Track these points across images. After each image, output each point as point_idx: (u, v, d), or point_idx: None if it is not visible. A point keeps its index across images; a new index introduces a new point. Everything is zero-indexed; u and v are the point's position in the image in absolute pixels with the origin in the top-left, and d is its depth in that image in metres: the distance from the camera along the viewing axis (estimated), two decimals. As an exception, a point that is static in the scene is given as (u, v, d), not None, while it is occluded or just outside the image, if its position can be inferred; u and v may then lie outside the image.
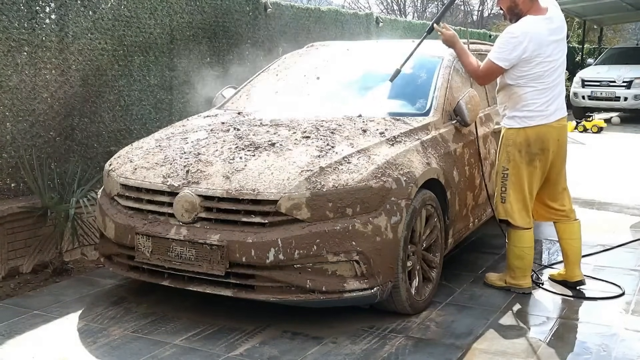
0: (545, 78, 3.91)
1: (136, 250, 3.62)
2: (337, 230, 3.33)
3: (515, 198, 4.03)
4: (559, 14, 4.01)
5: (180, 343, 3.38)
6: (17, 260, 4.50)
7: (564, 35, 4.01)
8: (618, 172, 8.46)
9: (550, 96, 3.93)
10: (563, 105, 4.03)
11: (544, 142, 3.95)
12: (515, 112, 3.98)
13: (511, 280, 4.13)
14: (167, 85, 5.96)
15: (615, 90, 15.26)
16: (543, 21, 3.89)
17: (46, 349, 3.35)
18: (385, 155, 3.64)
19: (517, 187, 4.02)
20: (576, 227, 4.23)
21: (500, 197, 4.08)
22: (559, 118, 3.98)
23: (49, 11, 4.81)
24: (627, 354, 3.31)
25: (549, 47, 3.88)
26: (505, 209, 4.07)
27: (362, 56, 5.08)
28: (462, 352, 3.30)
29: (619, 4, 16.54)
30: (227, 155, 3.68)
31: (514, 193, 4.03)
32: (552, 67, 3.91)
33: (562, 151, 4.06)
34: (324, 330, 3.52)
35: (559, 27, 3.96)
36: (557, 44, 3.93)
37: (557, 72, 3.96)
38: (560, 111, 3.99)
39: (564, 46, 4.00)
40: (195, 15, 6.25)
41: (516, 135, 3.98)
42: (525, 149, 3.96)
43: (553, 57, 3.90)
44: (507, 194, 4.04)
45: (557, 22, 3.96)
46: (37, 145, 4.77)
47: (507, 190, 4.04)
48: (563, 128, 4.04)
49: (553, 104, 3.94)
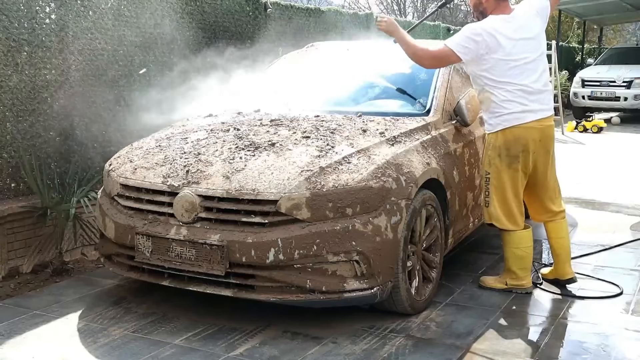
0: (514, 78, 3.86)
1: (136, 250, 3.62)
2: (337, 230, 3.33)
3: (499, 201, 4.02)
4: (527, 12, 3.96)
5: (180, 343, 3.38)
6: (17, 260, 4.50)
7: (536, 34, 3.95)
8: (618, 172, 8.46)
9: (525, 96, 3.87)
10: (545, 105, 3.96)
11: (523, 143, 3.92)
12: (490, 115, 3.98)
13: (512, 281, 4.12)
14: (167, 85, 5.96)
15: (615, 90, 15.26)
16: (504, 20, 3.88)
17: (46, 349, 3.35)
18: (385, 155, 3.64)
19: (499, 190, 4.01)
20: (564, 225, 4.24)
21: (485, 201, 4.09)
22: (540, 118, 3.92)
23: (49, 11, 4.81)
24: (626, 354, 3.31)
25: (513, 46, 3.84)
26: (489, 213, 4.07)
27: (362, 56, 5.07)
28: (462, 352, 3.30)
29: (619, 4, 16.56)
30: (227, 155, 3.68)
31: (497, 197, 4.02)
32: (519, 66, 3.86)
33: (544, 151, 4.00)
34: (324, 330, 3.52)
35: (524, 26, 3.91)
36: (525, 43, 3.89)
37: (530, 71, 3.89)
38: (541, 111, 3.93)
39: (537, 45, 3.95)
40: (195, 15, 6.25)
41: (495, 139, 3.98)
42: (505, 152, 3.94)
43: (518, 55, 3.85)
44: (491, 198, 4.04)
45: (521, 21, 3.92)
46: (37, 145, 4.77)
47: (490, 194, 4.04)
48: (546, 128, 3.97)
49: (531, 104, 3.89)
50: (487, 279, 4.27)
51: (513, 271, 4.11)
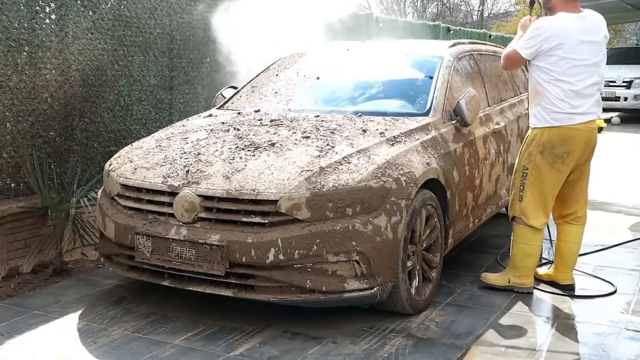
0: (571, 78, 3.84)
1: (136, 250, 3.62)
2: (337, 230, 3.33)
3: (533, 198, 3.98)
4: (595, 16, 3.96)
5: (180, 343, 3.38)
6: (17, 260, 4.50)
7: (600, 39, 3.92)
8: (618, 172, 8.47)
9: (578, 98, 3.85)
10: (594, 109, 3.93)
11: (570, 144, 3.89)
12: (540, 110, 3.92)
13: (516, 279, 4.10)
14: (167, 85, 5.97)
15: (615, 90, 15.27)
16: (573, 19, 3.86)
17: (46, 349, 3.35)
18: (385, 155, 3.64)
19: (536, 187, 3.97)
20: (580, 232, 4.20)
21: (518, 195, 4.03)
22: (587, 121, 3.90)
23: (49, 11, 4.81)
24: (626, 354, 3.31)
25: (577, 46, 3.82)
26: (521, 207, 4.02)
27: (362, 56, 5.07)
28: (462, 352, 3.30)
29: (619, 4, 16.52)
30: (227, 155, 3.68)
31: (532, 193, 3.98)
32: (578, 66, 3.83)
33: (588, 153, 4.00)
34: (324, 330, 3.52)
35: (591, 27, 3.89)
36: (588, 45, 3.86)
37: (587, 73, 3.86)
38: (590, 114, 3.90)
39: (599, 49, 3.91)
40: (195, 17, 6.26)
41: (540, 135, 3.92)
42: (549, 150, 3.90)
43: (580, 56, 3.83)
44: (525, 193, 3.99)
45: (591, 22, 3.91)
46: (37, 145, 4.77)
47: (525, 189, 3.99)
48: (592, 131, 3.95)
49: (582, 107, 3.86)
50: (489, 275, 4.25)
51: (518, 268, 4.08)
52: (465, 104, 4.21)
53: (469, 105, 4.21)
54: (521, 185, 4.02)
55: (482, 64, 5.16)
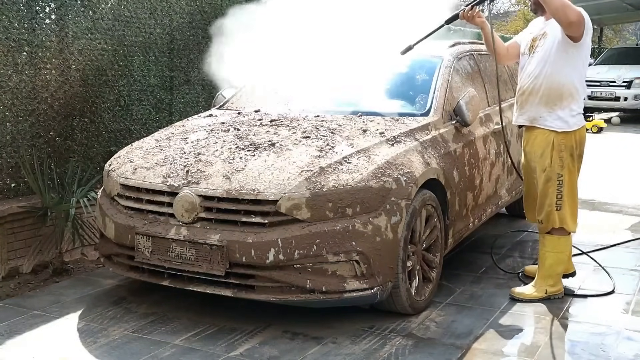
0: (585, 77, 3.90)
1: (136, 250, 3.62)
2: (337, 230, 3.33)
3: (570, 204, 3.92)
4: None
5: (180, 343, 3.38)
6: (17, 260, 4.50)
7: None
8: (618, 172, 8.47)
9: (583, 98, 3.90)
10: None
11: (584, 144, 3.94)
12: (569, 112, 3.84)
13: (551, 288, 3.99)
14: (167, 85, 5.97)
15: (615, 90, 15.27)
16: None
17: (46, 349, 3.35)
18: (385, 155, 3.64)
19: (573, 192, 3.92)
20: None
21: (556, 204, 3.89)
22: None
23: (49, 11, 4.81)
24: (626, 354, 3.31)
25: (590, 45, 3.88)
26: (560, 217, 3.91)
27: (362, 56, 5.06)
28: (462, 352, 3.30)
29: (619, 4, 16.55)
30: (227, 155, 3.68)
31: (569, 199, 3.91)
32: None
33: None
34: (324, 330, 3.52)
35: None
36: None
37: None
38: None
39: None
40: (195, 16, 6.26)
41: (570, 139, 3.87)
42: (577, 152, 3.91)
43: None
44: (563, 201, 3.89)
45: None
46: (37, 145, 4.77)
47: (563, 197, 3.89)
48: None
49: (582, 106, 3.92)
50: (524, 291, 4.03)
51: (552, 277, 3.99)
52: (465, 104, 4.21)
53: (469, 105, 4.21)
54: (558, 194, 3.89)
55: (482, 64, 5.16)
